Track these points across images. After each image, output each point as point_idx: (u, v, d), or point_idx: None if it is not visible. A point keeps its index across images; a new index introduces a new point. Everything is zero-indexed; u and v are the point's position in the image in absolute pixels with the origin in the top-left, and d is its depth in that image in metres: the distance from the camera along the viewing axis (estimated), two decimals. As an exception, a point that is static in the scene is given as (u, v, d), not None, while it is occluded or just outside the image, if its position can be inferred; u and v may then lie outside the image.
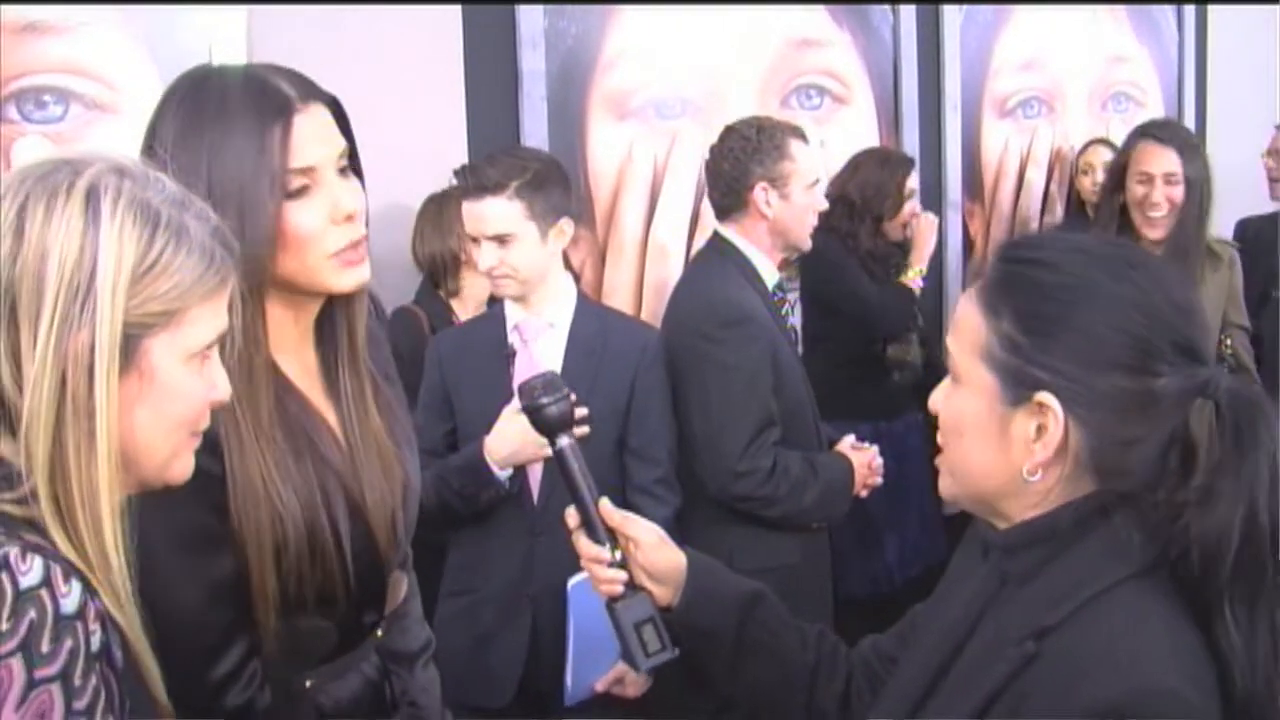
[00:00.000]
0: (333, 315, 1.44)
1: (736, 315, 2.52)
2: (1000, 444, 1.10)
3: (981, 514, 1.17)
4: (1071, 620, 1.04)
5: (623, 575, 1.38)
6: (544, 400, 1.38)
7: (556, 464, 1.40)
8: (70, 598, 0.92)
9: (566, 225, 2.22)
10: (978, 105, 4.02)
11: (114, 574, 0.98)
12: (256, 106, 1.29)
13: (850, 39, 3.63)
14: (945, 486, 1.18)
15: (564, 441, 1.38)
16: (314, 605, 1.37)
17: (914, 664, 1.22)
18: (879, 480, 2.66)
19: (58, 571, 0.92)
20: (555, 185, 2.21)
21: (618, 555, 1.38)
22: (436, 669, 1.67)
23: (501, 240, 2.17)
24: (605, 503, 1.39)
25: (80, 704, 0.91)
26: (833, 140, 3.56)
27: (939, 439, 1.17)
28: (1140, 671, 0.98)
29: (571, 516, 1.40)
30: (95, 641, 0.94)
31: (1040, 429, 1.08)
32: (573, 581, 1.91)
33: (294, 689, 1.41)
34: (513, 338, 2.29)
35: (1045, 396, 1.06)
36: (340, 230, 1.34)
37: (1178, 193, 2.88)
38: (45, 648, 0.90)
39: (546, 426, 1.39)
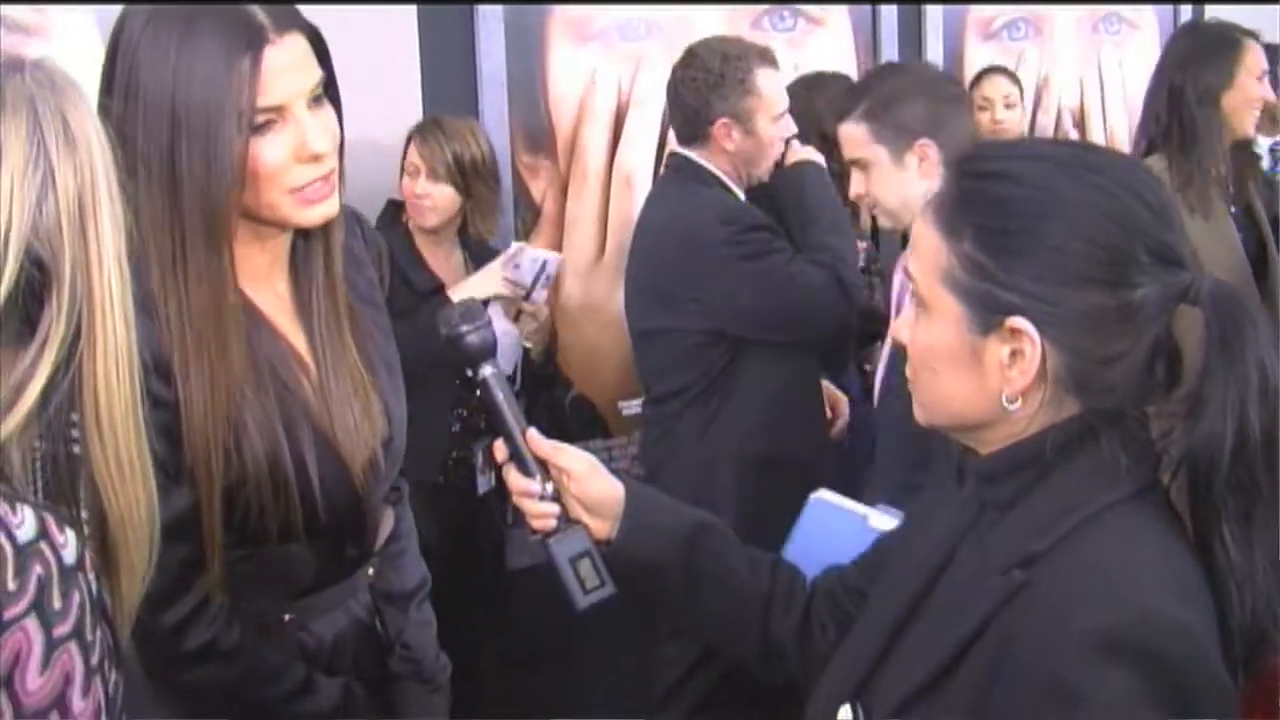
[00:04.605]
0: (308, 243, 1.39)
1: (750, 220, 2.48)
2: (975, 374, 1.03)
3: (963, 440, 1.11)
4: (1061, 546, 0.98)
5: (555, 509, 1.31)
6: (464, 329, 1.30)
7: (481, 394, 1.33)
8: (69, 548, 0.85)
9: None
10: (960, 28, 3.86)
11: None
12: (224, 34, 1.22)
13: (825, -44, 3.48)
14: (921, 416, 1.12)
15: (487, 370, 1.31)
16: (277, 538, 1.33)
17: (886, 597, 1.17)
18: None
19: (51, 521, 0.84)
20: None
21: (549, 488, 1.31)
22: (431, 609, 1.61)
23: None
24: (533, 433, 1.32)
25: (94, 660, 0.85)
26: (806, 65, 3.40)
27: (908, 372, 1.11)
28: (1138, 597, 0.93)
29: (500, 450, 1.34)
30: (94, 591, 0.87)
31: (1015, 354, 1.01)
32: (814, 497, 1.81)
33: (270, 623, 1.37)
34: None
35: (1017, 321, 1.00)
36: (305, 167, 1.28)
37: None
38: (57, 604, 0.83)
39: (468, 355, 1.32)
